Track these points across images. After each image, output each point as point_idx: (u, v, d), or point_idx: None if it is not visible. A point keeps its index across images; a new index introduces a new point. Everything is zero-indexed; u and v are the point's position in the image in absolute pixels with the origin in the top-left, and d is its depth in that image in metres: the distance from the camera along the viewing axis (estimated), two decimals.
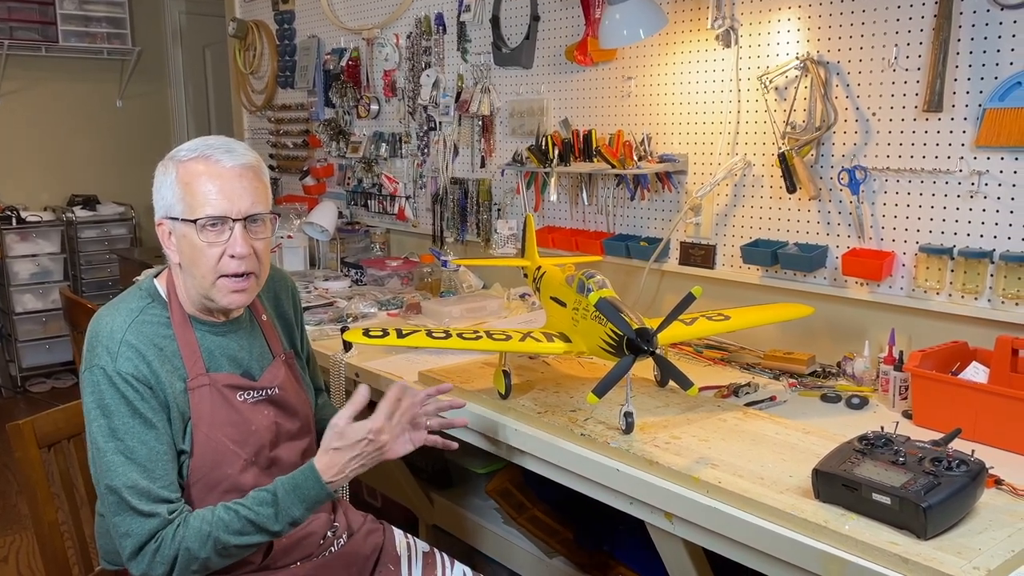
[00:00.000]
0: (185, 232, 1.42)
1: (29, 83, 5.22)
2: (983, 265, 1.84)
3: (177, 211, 1.42)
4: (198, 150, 1.43)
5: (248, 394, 1.51)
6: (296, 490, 1.39)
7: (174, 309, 1.47)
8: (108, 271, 5.18)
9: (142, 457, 1.36)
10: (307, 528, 1.55)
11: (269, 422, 1.53)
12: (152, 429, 1.38)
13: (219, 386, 1.47)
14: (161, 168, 1.46)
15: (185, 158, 1.42)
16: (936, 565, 1.15)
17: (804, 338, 2.19)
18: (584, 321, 1.68)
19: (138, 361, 1.39)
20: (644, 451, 1.54)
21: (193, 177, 1.41)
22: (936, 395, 1.68)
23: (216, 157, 1.41)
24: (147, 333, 1.42)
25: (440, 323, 2.53)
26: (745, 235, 2.31)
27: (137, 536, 1.34)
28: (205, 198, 1.40)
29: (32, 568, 3.00)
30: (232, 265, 1.43)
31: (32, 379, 5.05)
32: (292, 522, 1.39)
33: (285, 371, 1.60)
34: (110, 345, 1.39)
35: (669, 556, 1.63)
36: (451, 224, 3.27)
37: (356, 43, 3.69)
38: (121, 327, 1.41)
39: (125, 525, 1.34)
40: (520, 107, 2.91)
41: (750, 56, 2.24)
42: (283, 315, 1.69)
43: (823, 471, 1.33)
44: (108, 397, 1.37)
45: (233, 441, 1.46)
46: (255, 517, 1.37)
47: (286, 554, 1.53)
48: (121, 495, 1.34)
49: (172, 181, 1.42)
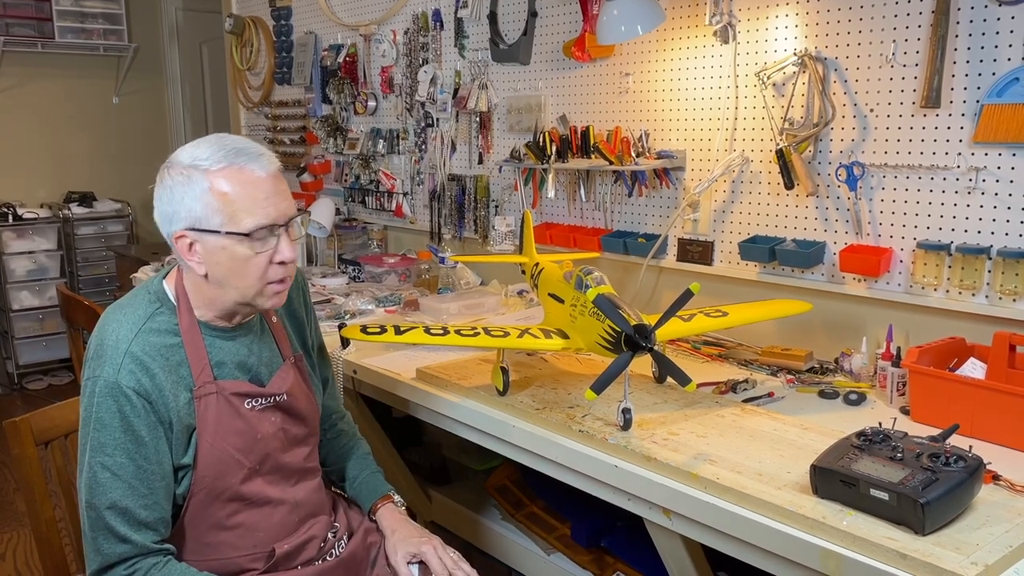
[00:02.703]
0: (224, 244, 1.36)
1: (25, 79, 5.21)
2: (981, 261, 1.85)
3: (214, 223, 1.35)
4: (226, 159, 1.35)
5: (256, 401, 1.48)
6: None
7: (183, 314, 1.43)
8: (105, 268, 5.17)
9: (128, 474, 1.33)
10: (308, 532, 1.54)
11: (276, 429, 1.50)
12: (142, 447, 1.35)
13: (226, 394, 1.44)
14: (180, 177, 1.35)
15: (215, 168, 1.34)
16: (934, 560, 1.15)
17: (802, 334, 2.19)
18: (582, 317, 1.68)
19: (141, 374, 1.35)
20: (642, 447, 1.54)
21: (233, 187, 1.35)
22: (934, 391, 1.68)
23: (251, 167, 1.36)
24: (153, 343, 1.39)
25: (438, 320, 2.53)
26: (743, 231, 2.31)
27: (106, 557, 1.32)
28: (254, 208, 1.35)
29: (30, 565, 3.00)
30: (280, 272, 1.41)
31: (29, 376, 5.04)
32: None
33: (294, 375, 1.56)
34: (114, 356, 1.35)
35: (667, 552, 1.63)
36: (449, 221, 3.27)
37: (353, 39, 3.68)
38: (127, 337, 1.37)
39: (97, 543, 1.33)
40: (518, 103, 2.90)
41: (748, 52, 2.23)
42: (294, 313, 1.65)
43: (821, 467, 1.33)
44: (104, 410, 1.34)
45: (238, 450, 1.43)
46: None
47: (288, 559, 1.50)
48: (100, 513, 1.32)
49: (203, 192, 1.34)
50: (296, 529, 1.51)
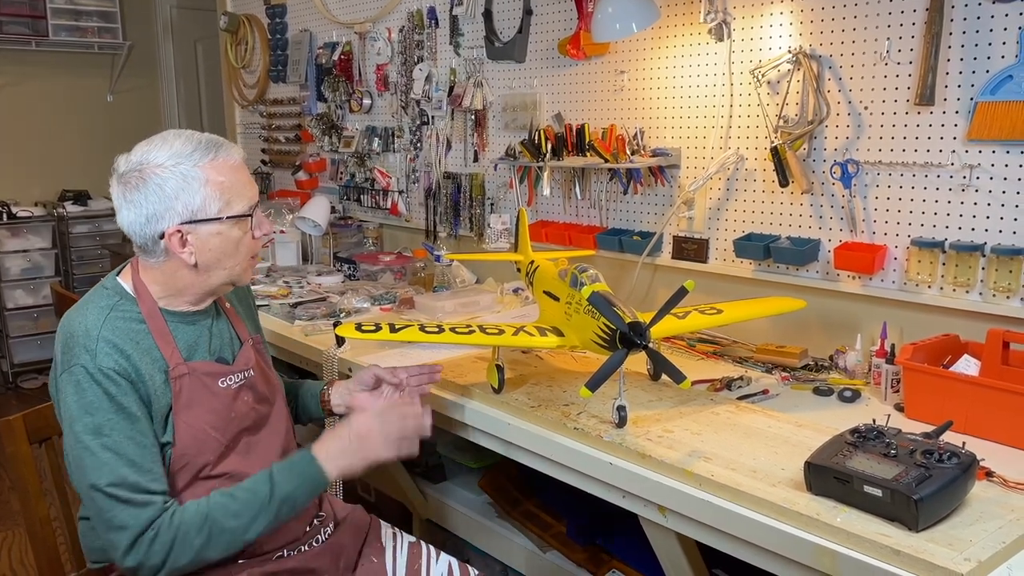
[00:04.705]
0: (220, 230, 1.45)
1: (19, 77, 5.19)
2: (975, 258, 1.85)
3: (211, 211, 1.44)
4: (208, 151, 1.44)
5: (229, 379, 1.53)
6: (291, 467, 1.44)
7: (144, 303, 1.47)
8: (100, 266, 5.16)
9: (130, 452, 1.35)
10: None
11: (248, 408, 1.55)
12: (136, 423, 1.38)
13: (199, 374, 1.48)
14: (171, 175, 1.41)
15: (205, 161, 1.43)
16: (927, 557, 1.16)
17: (796, 332, 2.20)
18: (577, 315, 1.68)
19: (117, 356, 1.38)
20: (637, 445, 1.55)
21: (225, 176, 1.45)
22: (927, 388, 1.68)
23: (230, 156, 1.47)
24: (122, 328, 1.42)
25: (433, 318, 2.52)
26: (738, 229, 2.31)
27: (134, 528, 1.33)
28: (242, 191, 1.48)
29: (24, 564, 2.99)
30: (259, 245, 1.55)
31: (23, 375, 5.03)
32: (286, 499, 1.41)
33: (255, 356, 1.62)
34: (87, 343, 1.38)
35: (662, 549, 1.63)
36: (444, 219, 3.26)
37: (348, 37, 3.68)
38: (96, 324, 1.40)
39: (120, 518, 1.33)
40: (513, 101, 2.90)
41: (743, 50, 2.24)
42: (243, 300, 1.72)
43: (815, 464, 1.34)
44: (91, 394, 1.36)
45: (213, 427, 1.47)
46: (250, 496, 1.39)
47: (271, 539, 1.53)
48: (110, 492, 1.33)
49: (201, 185, 1.42)
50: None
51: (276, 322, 2.60)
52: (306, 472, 1.45)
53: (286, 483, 1.42)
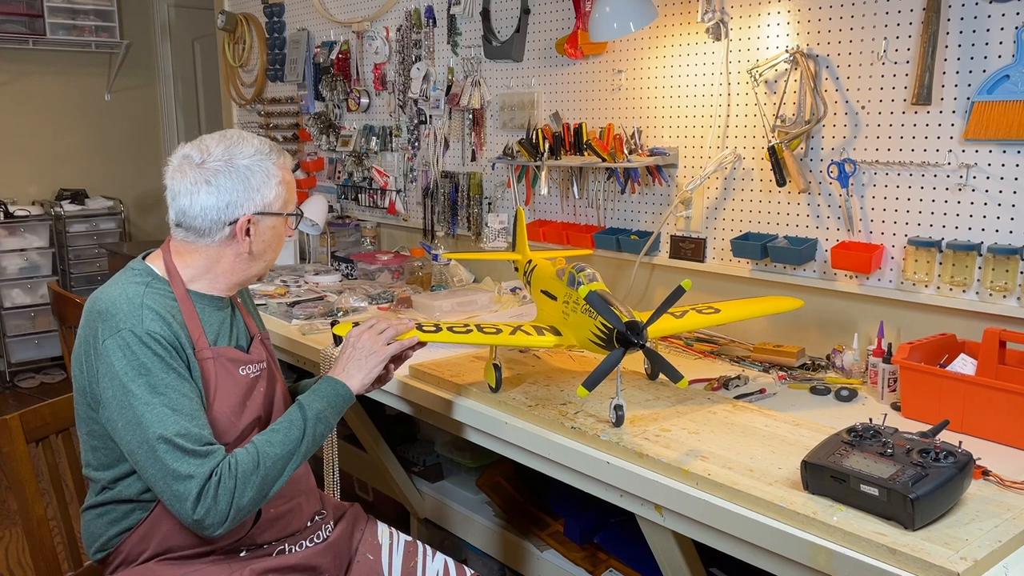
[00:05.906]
0: (275, 224, 1.57)
1: (16, 76, 5.18)
2: (971, 258, 1.85)
3: (276, 206, 1.56)
4: (277, 153, 1.57)
5: (249, 368, 1.57)
6: (315, 391, 1.54)
7: (176, 285, 1.51)
8: (97, 265, 5.15)
9: (187, 408, 1.39)
10: (292, 502, 1.59)
11: (263, 398, 1.58)
12: (187, 382, 1.42)
13: (224, 359, 1.52)
14: (256, 167, 1.52)
15: (277, 161, 1.56)
16: (924, 556, 1.16)
17: (794, 331, 2.20)
18: (574, 314, 1.68)
19: (161, 324, 1.42)
20: (634, 444, 1.55)
21: (288, 177, 1.60)
22: (924, 387, 1.69)
23: (287, 156, 1.61)
24: (160, 301, 1.46)
25: (431, 317, 2.53)
26: (735, 228, 2.32)
27: (200, 476, 1.35)
28: (295, 193, 1.62)
29: (21, 563, 2.99)
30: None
31: (20, 374, 5.02)
32: (319, 417, 1.49)
33: (265, 351, 1.66)
34: (131, 310, 1.41)
35: (659, 548, 1.63)
36: (442, 218, 3.26)
37: (346, 36, 3.67)
38: (137, 294, 1.44)
39: (187, 468, 1.35)
40: (511, 100, 2.90)
41: (740, 49, 2.24)
42: (246, 301, 1.75)
43: (812, 463, 1.34)
44: (142, 356, 1.38)
45: (232, 411, 1.51)
46: (287, 424, 1.47)
47: (272, 525, 1.55)
48: (178, 443, 1.35)
49: (277, 181, 1.55)
50: (281, 495, 1.54)
51: (274, 321, 2.60)
52: (329, 390, 1.54)
53: (315, 403, 1.51)
